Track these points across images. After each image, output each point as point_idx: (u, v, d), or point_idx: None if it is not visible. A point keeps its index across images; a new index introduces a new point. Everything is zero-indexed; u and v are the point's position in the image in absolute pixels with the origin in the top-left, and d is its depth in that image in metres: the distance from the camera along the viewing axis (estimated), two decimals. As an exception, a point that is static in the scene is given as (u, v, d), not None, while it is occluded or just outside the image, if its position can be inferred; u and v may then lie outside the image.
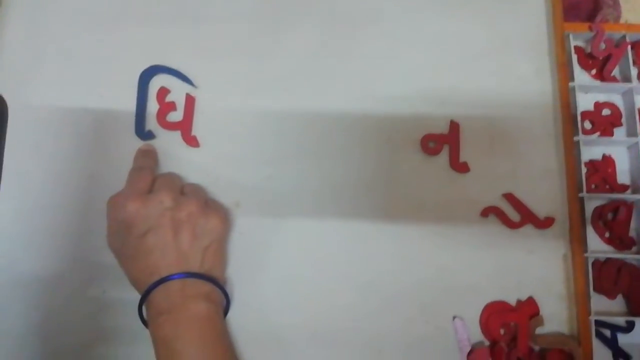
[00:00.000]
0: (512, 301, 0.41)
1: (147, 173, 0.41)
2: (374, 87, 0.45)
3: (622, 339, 0.49)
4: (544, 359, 0.40)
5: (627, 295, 0.50)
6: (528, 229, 0.42)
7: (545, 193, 0.43)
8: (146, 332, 0.36)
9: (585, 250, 0.50)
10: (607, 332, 0.50)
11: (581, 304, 0.40)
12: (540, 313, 0.41)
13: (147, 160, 0.43)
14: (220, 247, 0.40)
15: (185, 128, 0.44)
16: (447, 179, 0.43)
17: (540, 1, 0.47)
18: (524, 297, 0.41)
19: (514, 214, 0.42)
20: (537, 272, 0.42)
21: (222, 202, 0.43)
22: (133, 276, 0.38)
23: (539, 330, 0.41)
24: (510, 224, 0.42)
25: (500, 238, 0.42)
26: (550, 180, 0.43)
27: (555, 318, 0.41)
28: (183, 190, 0.41)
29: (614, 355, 0.49)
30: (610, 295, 0.50)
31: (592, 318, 0.48)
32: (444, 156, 0.43)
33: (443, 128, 0.44)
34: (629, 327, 0.49)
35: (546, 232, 0.42)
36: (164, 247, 0.36)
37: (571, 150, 0.43)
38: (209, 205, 0.40)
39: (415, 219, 0.42)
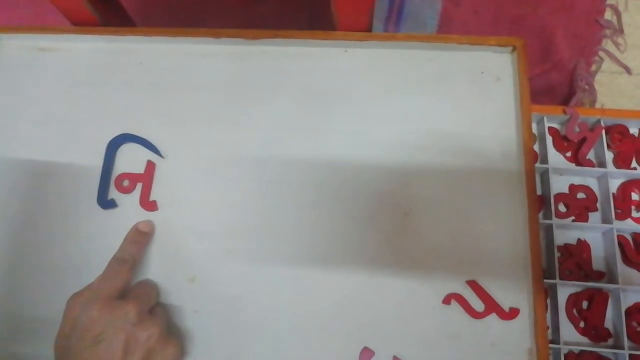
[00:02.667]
0: (473, 399, 0.39)
1: (126, 270, 0.39)
2: (343, 164, 0.45)
3: None
4: None
5: (603, 392, 0.48)
6: (492, 319, 0.40)
7: (511, 282, 0.41)
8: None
9: (558, 341, 0.48)
10: None
11: (546, 406, 0.38)
12: (503, 414, 0.38)
13: (135, 248, 0.41)
14: None
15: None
16: (409, 262, 0.42)
17: (509, 84, 0.47)
18: (486, 394, 0.39)
19: (478, 303, 0.41)
20: (501, 367, 0.39)
21: (178, 278, 0.42)
22: None
23: None
24: (474, 314, 0.40)
25: (462, 328, 0.40)
26: (517, 268, 0.42)
27: (519, 420, 0.39)
28: (154, 309, 0.39)
29: None
30: (585, 391, 0.47)
31: (565, 417, 0.45)
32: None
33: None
34: None
35: (511, 324, 0.40)
36: None
37: (536, 235, 0.42)
38: (170, 333, 0.38)
39: (373, 302, 0.41)
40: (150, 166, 0.45)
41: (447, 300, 0.41)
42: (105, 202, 0.44)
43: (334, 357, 0.40)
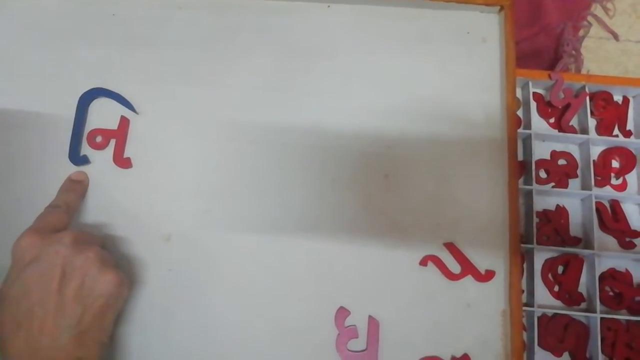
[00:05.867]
0: (447, 357, 0.39)
1: (59, 213, 0.38)
2: (323, 124, 0.44)
3: (567, 400, 0.48)
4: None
5: (573, 353, 0.49)
6: (468, 281, 0.41)
7: (489, 245, 0.41)
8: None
9: (532, 304, 0.48)
10: (552, 392, 0.48)
11: (516, 365, 0.38)
12: (474, 372, 0.39)
13: (69, 196, 0.40)
14: (106, 308, 0.34)
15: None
16: (388, 224, 0.42)
17: (495, 46, 0.46)
18: (458, 354, 0.39)
19: (455, 265, 0.41)
20: (475, 328, 0.40)
21: (152, 236, 0.41)
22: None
23: (471, 390, 0.39)
24: (450, 275, 0.40)
25: (438, 289, 0.40)
26: (495, 232, 0.42)
27: (491, 377, 0.39)
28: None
29: (556, 417, 0.47)
30: (556, 352, 0.48)
31: (536, 376, 0.46)
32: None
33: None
34: (574, 388, 0.48)
35: (486, 286, 0.41)
36: (45, 290, 0.32)
37: (515, 201, 0.42)
38: (111, 263, 0.36)
39: (351, 264, 0.41)
40: (124, 122, 0.44)
41: (424, 262, 0.41)
42: (78, 158, 0.43)
43: (310, 317, 0.40)
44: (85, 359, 0.33)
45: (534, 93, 0.55)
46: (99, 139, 0.43)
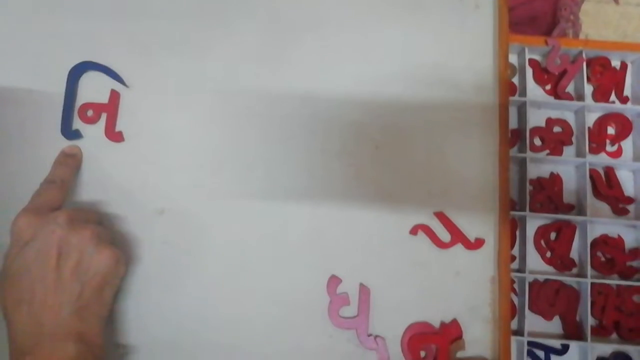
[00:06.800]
0: (436, 322, 0.40)
1: (54, 189, 0.38)
2: (313, 94, 0.44)
3: (556, 362, 0.49)
4: (467, 382, 0.40)
5: (563, 317, 0.50)
6: (458, 249, 0.41)
7: (479, 213, 0.42)
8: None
9: (524, 270, 0.49)
10: (541, 354, 0.49)
11: (504, 328, 0.39)
12: (464, 336, 0.40)
13: (63, 170, 0.40)
14: (104, 284, 0.35)
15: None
16: (378, 194, 0.42)
17: (488, 12, 0.45)
18: (448, 319, 0.40)
19: (445, 234, 0.41)
20: (464, 294, 0.40)
21: (146, 210, 0.42)
22: (2, 300, 0.34)
23: (461, 354, 0.40)
24: (440, 244, 0.41)
25: (428, 257, 0.41)
26: (485, 200, 0.42)
27: (479, 341, 0.40)
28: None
29: (545, 378, 0.48)
30: (547, 316, 0.49)
31: (525, 339, 0.47)
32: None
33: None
34: (564, 350, 0.49)
35: (475, 253, 0.41)
36: (43, 268, 0.33)
37: (505, 169, 0.42)
38: (107, 240, 0.37)
39: (342, 233, 0.41)
40: (115, 96, 0.44)
41: (414, 231, 0.41)
42: (70, 133, 0.43)
43: (302, 285, 0.41)
44: (86, 333, 0.34)
45: (530, 59, 0.54)
46: (90, 113, 0.44)
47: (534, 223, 0.51)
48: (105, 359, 0.35)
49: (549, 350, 0.49)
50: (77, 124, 0.43)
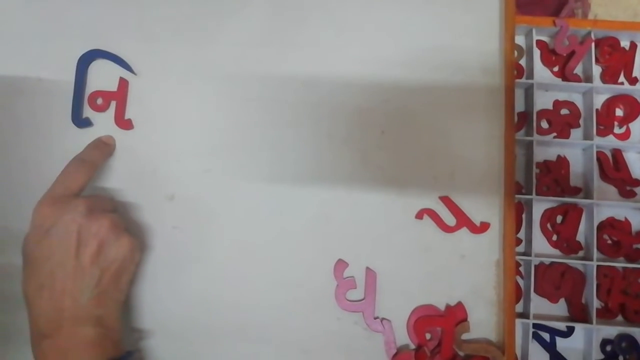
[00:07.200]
0: (442, 305, 0.41)
1: (83, 170, 0.38)
2: (319, 77, 0.44)
3: (561, 344, 0.50)
4: (470, 365, 0.40)
5: (569, 300, 0.50)
6: (463, 233, 0.42)
7: (484, 197, 0.42)
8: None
9: (530, 253, 0.50)
10: (547, 336, 0.50)
11: (508, 311, 0.40)
12: (469, 319, 0.40)
13: (94, 153, 0.41)
14: (122, 271, 0.37)
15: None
16: (384, 178, 0.42)
17: (495, -6, 0.45)
18: (453, 302, 0.41)
19: (450, 218, 0.42)
20: (469, 277, 0.41)
21: (156, 196, 0.42)
22: (24, 285, 0.35)
23: (466, 336, 0.41)
24: (445, 228, 0.41)
25: (433, 241, 0.41)
26: (490, 184, 0.42)
27: (484, 324, 0.41)
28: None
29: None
30: (552, 298, 0.50)
31: (531, 321, 0.48)
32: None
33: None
34: (569, 332, 0.49)
35: (481, 237, 0.41)
36: (64, 256, 0.34)
37: (511, 152, 0.42)
38: (123, 228, 0.38)
39: (349, 217, 0.42)
40: (123, 83, 0.44)
41: (419, 215, 0.42)
42: (80, 121, 0.44)
43: (310, 269, 0.41)
44: (105, 317, 0.36)
45: (537, 41, 0.54)
46: (99, 101, 0.44)
47: (540, 206, 0.51)
48: (122, 342, 0.37)
49: (554, 332, 0.49)
50: (87, 112, 0.44)
